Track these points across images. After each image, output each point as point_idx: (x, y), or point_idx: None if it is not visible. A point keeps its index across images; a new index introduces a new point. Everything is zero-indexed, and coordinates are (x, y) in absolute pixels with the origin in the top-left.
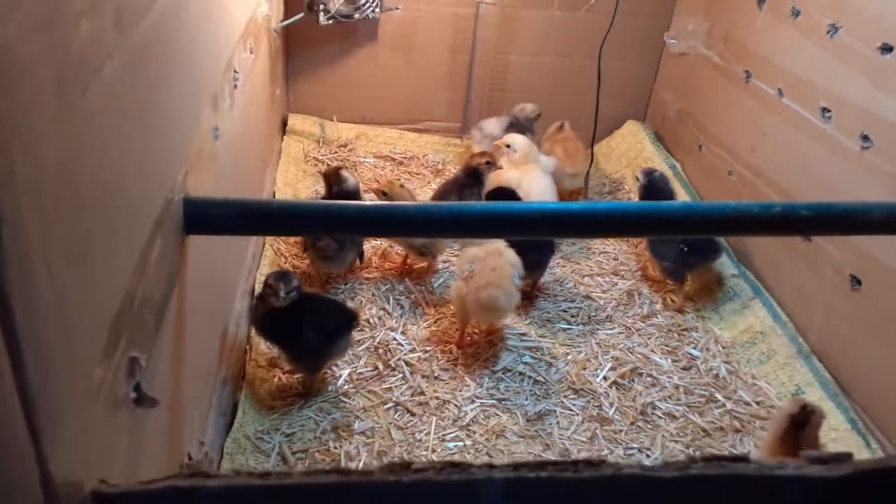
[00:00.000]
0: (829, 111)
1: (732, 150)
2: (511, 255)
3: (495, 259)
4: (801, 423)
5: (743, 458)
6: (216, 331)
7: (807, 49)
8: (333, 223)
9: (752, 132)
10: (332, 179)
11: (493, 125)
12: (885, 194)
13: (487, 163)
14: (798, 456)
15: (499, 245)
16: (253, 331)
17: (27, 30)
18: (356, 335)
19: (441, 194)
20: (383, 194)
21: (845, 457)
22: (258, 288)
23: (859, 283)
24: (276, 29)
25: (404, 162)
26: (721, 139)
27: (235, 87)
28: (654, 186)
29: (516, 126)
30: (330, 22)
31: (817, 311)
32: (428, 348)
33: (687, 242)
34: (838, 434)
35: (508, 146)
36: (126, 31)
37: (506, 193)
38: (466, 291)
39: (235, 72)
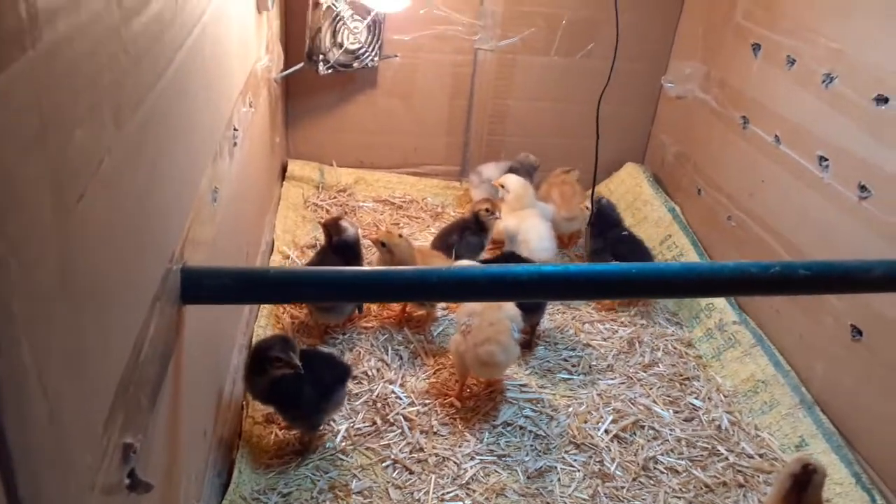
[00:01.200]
0: (826, 160)
1: (731, 195)
2: (510, 308)
3: (493, 313)
4: (804, 483)
5: None
6: (213, 389)
7: (803, 97)
8: (330, 290)
9: (750, 178)
10: (332, 230)
11: (491, 170)
12: (883, 244)
13: (487, 210)
14: None
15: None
16: None
17: (24, 151)
18: (354, 388)
19: (443, 235)
20: (382, 245)
21: None
22: (255, 339)
23: (860, 333)
24: (276, 79)
25: (403, 206)
26: (719, 184)
27: (235, 144)
28: (602, 213)
29: (517, 172)
30: (329, 71)
31: (819, 360)
32: (427, 401)
33: (615, 254)
34: (843, 489)
35: (503, 186)
36: (125, 123)
37: (514, 258)
38: (465, 347)
39: (235, 129)
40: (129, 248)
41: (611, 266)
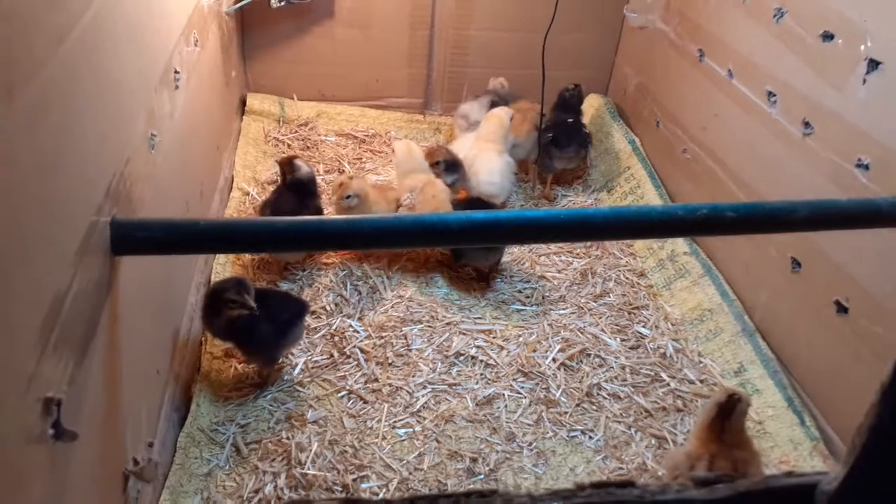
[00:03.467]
0: (774, 95)
1: (686, 128)
2: (440, 184)
3: (431, 188)
4: (728, 411)
5: (629, 483)
6: (166, 329)
7: (755, 31)
8: (262, 241)
9: (704, 111)
10: (286, 168)
11: (475, 111)
12: (824, 180)
13: (436, 163)
14: (723, 443)
15: (429, 176)
16: None
17: None
18: (313, 323)
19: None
20: (347, 197)
21: (729, 478)
22: (214, 277)
23: (799, 265)
24: (227, 12)
25: (366, 140)
26: (676, 117)
27: (177, 87)
28: (563, 99)
29: (497, 105)
30: (282, 3)
31: (763, 289)
32: (384, 334)
33: (555, 137)
34: (775, 412)
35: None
36: (17, 95)
37: (477, 204)
38: None
39: (176, 72)
40: (34, 209)
41: (541, 213)
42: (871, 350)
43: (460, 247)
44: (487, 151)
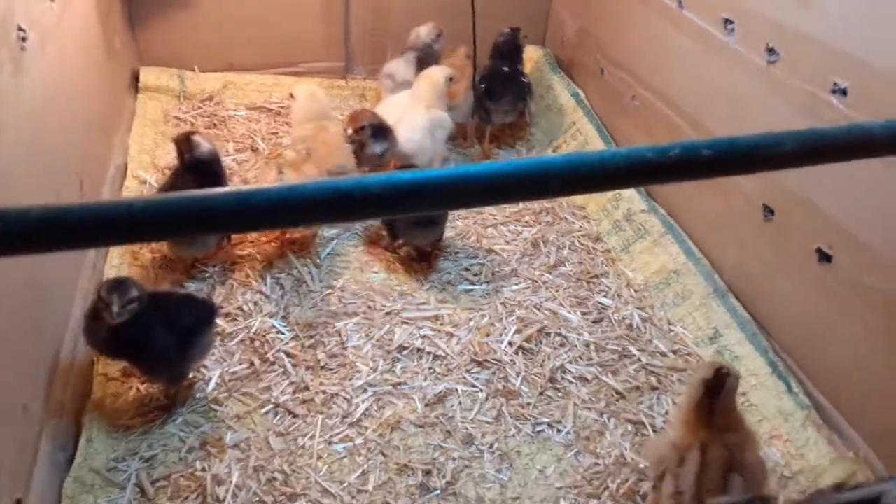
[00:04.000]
0: (731, 22)
1: (634, 72)
2: (334, 127)
3: (322, 133)
4: (716, 388)
5: None
6: (39, 351)
7: None
8: (111, 230)
9: (653, 52)
10: (184, 146)
11: (402, 69)
12: (794, 112)
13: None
14: (713, 426)
15: (321, 122)
16: None
17: None
18: (228, 327)
19: None
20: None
21: (762, 500)
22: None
23: (772, 213)
24: None
25: (282, 112)
26: (622, 61)
27: (23, 48)
28: (504, 44)
29: (424, 60)
30: None
31: (731, 244)
32: (313, 333)
33: (488, 88)
34: (759, 380)
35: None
36: None
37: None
38: (318, 172)
39: (20, 30)
40: None
41: (483, 167)
42: (860, 300)
43: (386, 217)
44: (411, 109)
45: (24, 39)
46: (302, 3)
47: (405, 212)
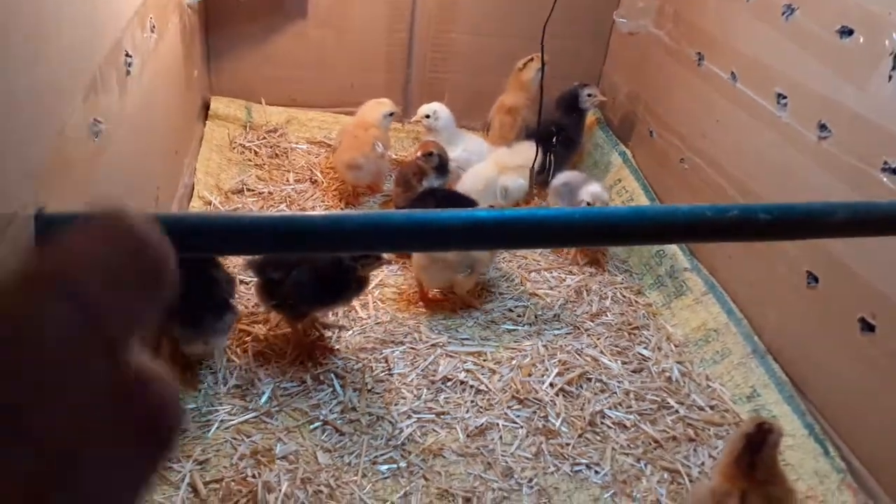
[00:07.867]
0: (784, 97)
1: (684, 136)
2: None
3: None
4: (758, 443)
5: None
6: None
7: (761, 31)
8: (229, 240)
9: (704, 118)
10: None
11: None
12: (843, 187)
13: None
14: (753, 479)
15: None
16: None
17: None
18: (280, 345)
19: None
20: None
21: None
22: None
23: (816, 280)
24: (190, 4)
25: None
26: (672, 125)
27: (129, 73)
28: (569, 96)
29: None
30: None
31: (772, 307)
32: (361, 356)
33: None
34: (795, 441)
35: (428, 116)
36: None
37: (454, 197)
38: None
39: (127, 55)
40: None
41: (549, 212)
42: None
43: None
44: (491, 161)
45: (129, 65)
46: (367, 52)
47: (488, 247)
